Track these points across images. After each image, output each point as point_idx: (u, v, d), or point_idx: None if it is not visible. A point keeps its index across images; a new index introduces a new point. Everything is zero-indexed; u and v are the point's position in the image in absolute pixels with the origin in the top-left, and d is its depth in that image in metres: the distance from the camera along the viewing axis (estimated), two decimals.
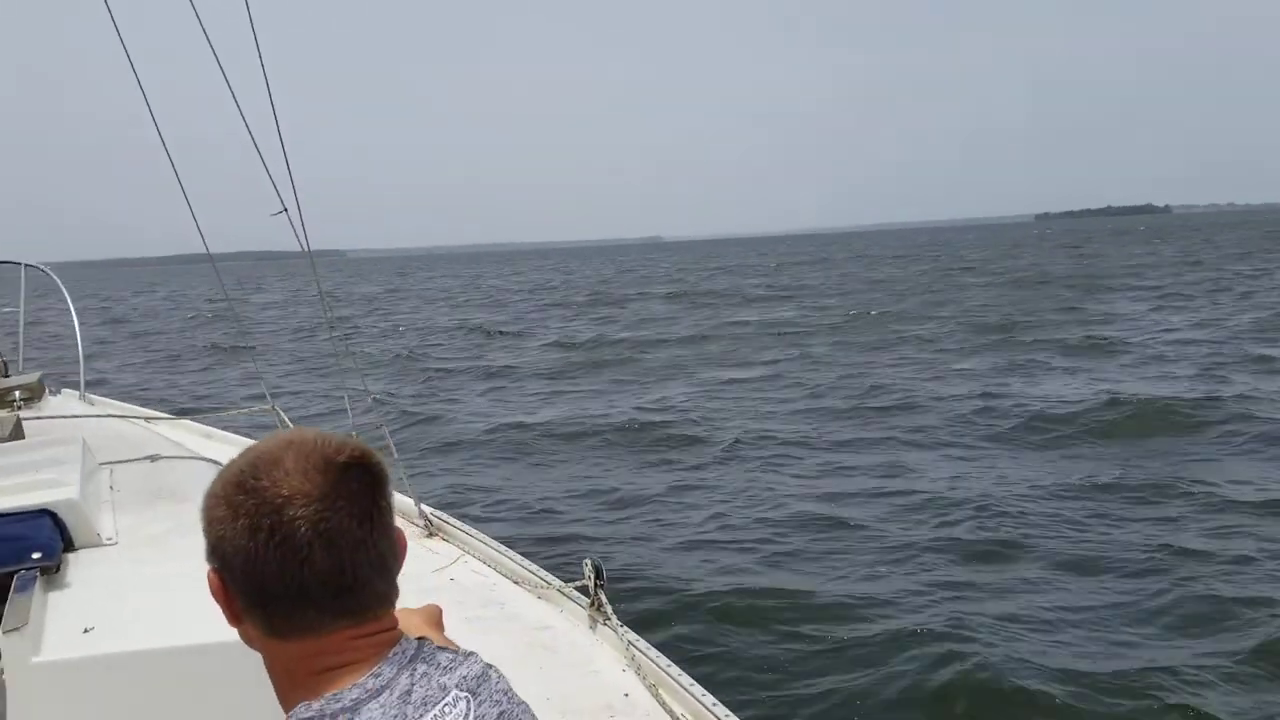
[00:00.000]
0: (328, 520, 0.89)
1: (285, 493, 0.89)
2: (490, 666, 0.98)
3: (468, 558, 2.91)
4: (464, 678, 0.93)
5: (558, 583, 2.71)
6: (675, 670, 2.22)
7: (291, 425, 3.84)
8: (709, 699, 2.10)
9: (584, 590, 2.53)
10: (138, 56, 3.28)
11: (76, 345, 4.80)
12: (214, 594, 0.96)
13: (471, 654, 0.99)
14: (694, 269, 66.91)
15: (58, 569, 1.65)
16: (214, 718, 1.42)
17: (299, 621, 0.91)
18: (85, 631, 1.44)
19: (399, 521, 2.97)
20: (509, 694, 0.97)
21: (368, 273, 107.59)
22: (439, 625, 1.73)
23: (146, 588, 1.64)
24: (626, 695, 2.13)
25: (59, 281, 5.33)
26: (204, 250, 3.53)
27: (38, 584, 1.55)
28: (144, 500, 2.16)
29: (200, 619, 1.52)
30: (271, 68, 3.03)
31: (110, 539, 1.85)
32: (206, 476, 2.47)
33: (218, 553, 0.92)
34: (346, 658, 0.91)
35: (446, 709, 0.89)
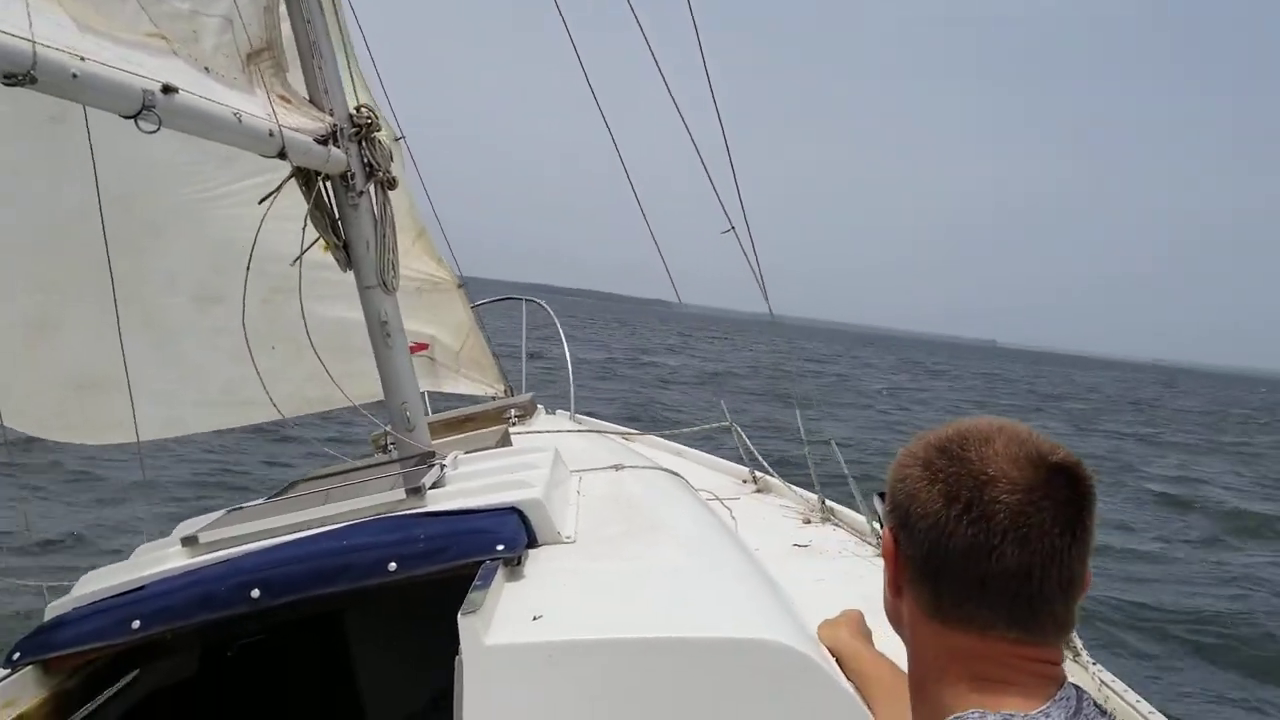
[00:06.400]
0: (1028, 516, 0.82)
1: (991, 472, 0.84)
2: None
3: None
4: None
5: None
6: (1146, 707, 1.98)
7: (750, 445, 3.88)
8: None
9: None
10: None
11: (568, 370, 5.15)
12: (885, 555, 0.92)
13: None
14: None
15: (519, 562, 1.80)
16: (649, 712, 1.43)
17: (966, 611, 0.84)
18: (534, 619, 1.53)
19: (850, 535, 2.82)
20: None
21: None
22: (865, 632, 1.61)
23: (594, 584, 1.73)
24: None
25: (552, 314, 5.84)
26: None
27: (499, 574, 1.70)
28: (605, 504, 2.30)
29: (641, 615, 1.57)
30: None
31: (570, 538, 1.98)
32: (662, 483, 2.62)
33: (901, 511, 0.89)
34: (1009, 676, 0.83)
35: None
